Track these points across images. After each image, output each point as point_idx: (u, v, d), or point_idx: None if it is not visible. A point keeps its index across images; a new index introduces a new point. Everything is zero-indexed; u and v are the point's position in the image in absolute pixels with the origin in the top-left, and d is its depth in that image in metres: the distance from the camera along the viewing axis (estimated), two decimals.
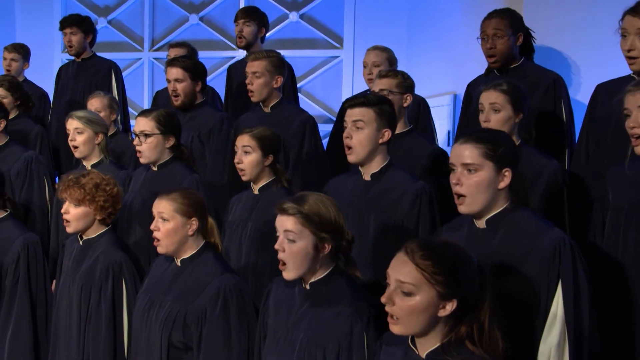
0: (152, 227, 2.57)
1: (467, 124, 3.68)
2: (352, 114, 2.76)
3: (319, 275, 2.21)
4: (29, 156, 4.01)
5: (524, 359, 2.08)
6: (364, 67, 4.25)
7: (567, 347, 2.08)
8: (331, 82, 7.17)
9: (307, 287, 2.23)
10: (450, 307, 1.75)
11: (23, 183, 3.96)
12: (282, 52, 4.11)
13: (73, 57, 5.19)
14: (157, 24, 7.58)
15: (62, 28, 5.06)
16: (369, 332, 2.12)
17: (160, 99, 4.99)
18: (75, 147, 3.62)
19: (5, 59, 5.20)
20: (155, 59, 7.59)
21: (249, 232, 3.12)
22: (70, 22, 4.99)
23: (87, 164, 3.65)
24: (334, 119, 7.03)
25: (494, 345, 1.78)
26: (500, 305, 1.82)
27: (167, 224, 2.54)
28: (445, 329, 1.79)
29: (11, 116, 4.37)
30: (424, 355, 1.83)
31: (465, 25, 4.85)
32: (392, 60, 4.23)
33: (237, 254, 3.10)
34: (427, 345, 1.82)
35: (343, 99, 7.01)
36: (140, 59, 7.57)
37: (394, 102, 3.00)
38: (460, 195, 2.17)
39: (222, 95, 5.14)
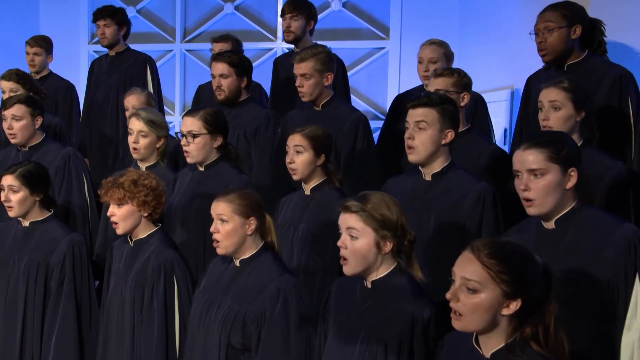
0: (211, 229, 2.83)
1: (527, 124, 3.85)
2: (415, 114, 3.00)
3: (381, 273, 2.45)
4: (66, 153, 4.30)
5: (603, 356, 2.30)
6: (419, 62, 4.44)
7: None
8: (376, 75, 7.33)
9: (369, 285, 2.47)
10: (514, 306, 1.95)
11: (62, 182, 4.25)
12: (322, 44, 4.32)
13: (101, 49, 5.46)
14: (190, 13, 7.84)
15: (95, 20, 5.36)
16: (430, 330, 2.36)
17: (204, 93, 5.25)
18: (136, 149, 3.91)
19: (27, 53, 5.50)
20: (187, 50, 7.87)
21: (300, 234, 3.37)
22: (104, 13, 5.28)
23: (142, 166, 3.93)
24: (379, 115, 7.28)
25: (560, 346, 1.96)
26: (571, 306, 2.03)
27: (226, 225, 2.79)
28: (509, 329, 1.98)
29: None
30: (488, 355, 2.03)
31: (523, 15, 5.02)
32: (449, 55, 4.41)
33: (288, 256, 3.32)
34: (491, 345, 2.02)
35: (389, 94, 7.24)
36: (171, 50, 7.84)
37: None
38: (528, 199, 2.41)
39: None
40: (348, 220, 2.45)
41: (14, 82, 4.67)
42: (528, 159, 2.41)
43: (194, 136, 3.61)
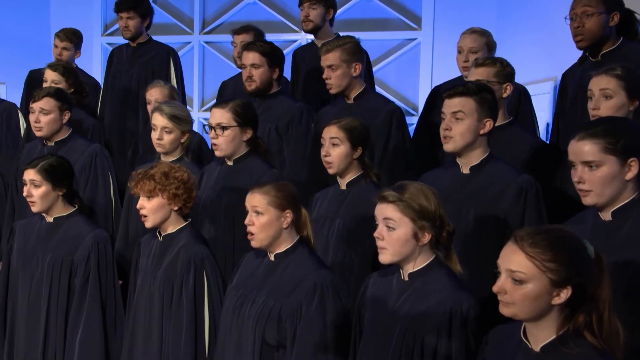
0: (246, 221, 2.97)
1: (563, 117, 3.98)
2: (451, 104, 3.11)
3: (418, 265, 2.59)
4: (93, 150, 4.48)
5: None
6: (459, 52, 4.53)
7: None
8: (407, 68, 7.43)
9: (406, 278, 2.61)
10: (564, 294, 2.02)
11: (87, 180, 4.42)
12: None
13: (115, 41, 5.62)
14: (209, 3, 7.98)
15: (118, 11, 5.52)
16: (469, 322, 2.48)
17: (227, 90, 5.41)
18: (160, 144, 4.06)
19: (56, 46, 5.70)
20: (206, 42, 8.04)
21: (336, 229, 3.51)
22: (128, 4, 5.44)
23: (166, 160, 4.06)
24: (411, 111, 7.41)
25: (615, 335, 2.02)
26: (626, 299, 2.11)
27: (261, 217, 2.93)
28: (560, 319, 2.05)
29: None
30: (537, 349, 2.10)
31: (565, 2, 5.13)
32: (491, 45, 4.49)
33: (323, 252, 3.44)
34: (541, 338, 2.08)
35: (420, 89, 7.37)
36: (189, 42, 8.01)
37: None
38: (584, 190, 2.50)
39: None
40: (385, 211, 2.58)
41: (59, 73, 4.87)
42: (583, 150, 2.46)
43: (223, 128, 3.74)
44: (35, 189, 3.71)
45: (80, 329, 3.69)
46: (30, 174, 3.72)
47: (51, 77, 4.89)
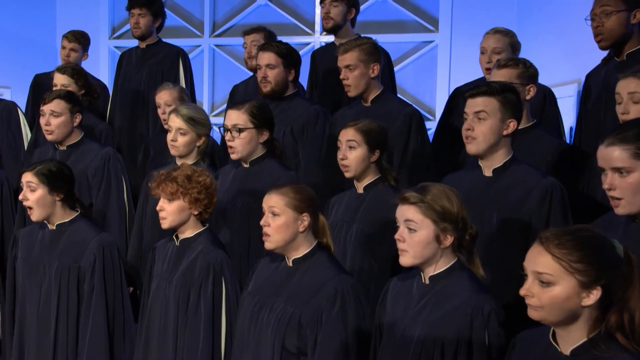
0: (262, 222, 3.00)
1: (586, 120, 3.99)
2: (474, 104, 3.13)
3: (440, 268, 2.62)
4: (106, 153, 4.51)
5: None
6: (482, 53, 4.52)
7: None
8: (424, 72, 7.46)
9: (427, 281, 2.64)
10: (594, 295, 2.04)
11: (100, 184, 4.45)
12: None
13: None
14: (219, 5, 8.05)
15: (130, 8, 5.60)
16: (490, 326, 2.50)
17: (237, 94, 5.46)
18: (174, 146, 4.10)
19: (64, 48, 5.79)
20: (216, 45, 8.09)
21: (354, 234, 3.54)
22: (141, 2, 5.51)
23: (180, 163, 4.12)
24: (427, 115, 7.43)
25: None
26: None
27: (278, 218, 2.96)
28: (590, 321, 2.07)
29: None
30: (568, 352, 2.12)
31: (588, 3, 5.16)
32: (515, 45, 4.49)
33: (340, 258, 3.42)
34: (571, 341, 2.11)
35: (438, 93, 7.39)
36: (199, 46, 8.07)
37: None
38: (615, 198, 2.51)
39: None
40: (406, 212, 2.61)
41: (68, 76, 4.93)
42: (612, 156, 2.47)
43: (240, 130, 3.79)
44: (31, 192, 3.71)
45: (87, 339, 3.70)
46: (27, 177, 3.73)
47: (60, 81, 4.94)
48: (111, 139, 5.22)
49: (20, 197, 3.77)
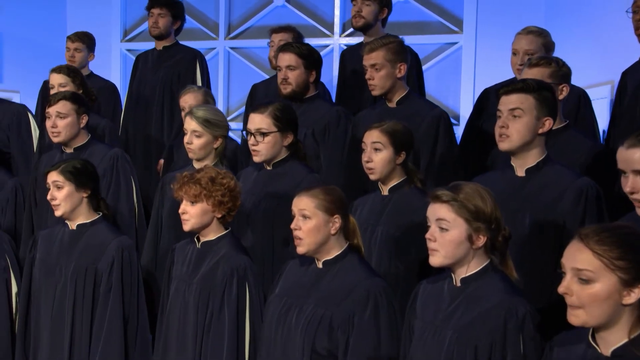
0: (292, 225, 3.04)
1: (620, 119, 4.02)
2: (509, 101, 3.15)
3: (471, 270, 2.64)
4: (114, 154, 4.56)
5: None
6: (514, 54, 4.47)
7: None
8: (448, 74, 7.45)
9: (458, 283, 2.67)
10: (636, 294, 2.06)
11: (109, 185, 4.51)
12: None
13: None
14: (235, 7, 8.08)
15: (150, 7, 5.68)
16: (524, 328, 2.52)
17: (258, 93, 5.50)
18: (191, 149, 4.14)
19: (68, 49, 5.89)
20: (232, 48, 8.14)
21: (379, 238, 3.58)
22: (161, 2, 5.60)
23: (198, 167, 4.16)
24: (452, 120, 7.42)
25: None
26: None
27: (309, 221, 3.00)
28: (632, 320, 2.10)
29: None
30: (608, 353, 2.14)
31: (620, 2, 5.18)
32: (549, 46, 4.43)
33: None
34: (612, 341, 2.13)
35: (462, 96, 7.40)
36: (214, 48, 8.11)
37: None
38: (638, 201, 2.53)
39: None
40: (438, 211, 2.63)
41: (64, 74, 4.96)
42: (633, 158, 2.51)
43: (264, 134, 3.83)
44: (58, 190, 3.80)
45: (101, 342, 3.75)
46: (52, 176, 3.82)
47: (57, 81, 4.97)
48: (116, 135, 5.26)
49: (48, 197, 3.85)
